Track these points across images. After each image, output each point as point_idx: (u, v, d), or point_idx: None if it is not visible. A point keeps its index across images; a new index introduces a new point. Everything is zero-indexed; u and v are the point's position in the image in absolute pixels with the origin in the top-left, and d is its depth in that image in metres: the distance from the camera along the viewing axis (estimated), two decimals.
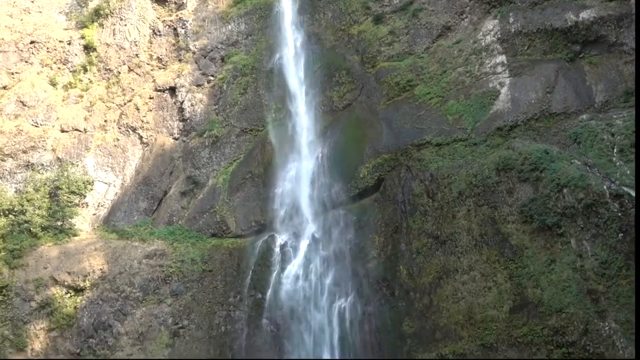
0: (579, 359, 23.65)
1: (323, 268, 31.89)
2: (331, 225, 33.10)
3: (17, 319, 31.65)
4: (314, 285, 31.52)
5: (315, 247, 32.77)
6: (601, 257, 24.11)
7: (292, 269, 32.32)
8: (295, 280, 31.85)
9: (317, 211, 33.96)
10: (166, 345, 30.98)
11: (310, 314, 30.86)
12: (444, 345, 27.26)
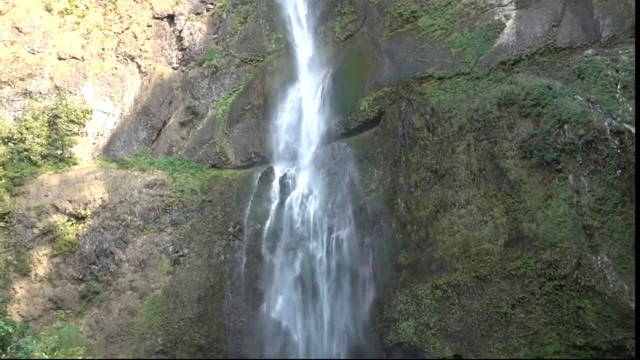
0: (570, 291, 24.24)
1: (321, 200, 32.18)
2: (330, 157, 33.16)
3: (20, 245, 32.19)
4: (312, 217, 31.90)
5: (314, 179, 32.98)
6: (598, 194, 24.26)
7: (290, 200, 32.60)
8: (294, 211, 32.19)
9: (317, 143, 33.94)
10: (167, 273, 31.68)
11: (308, 244, 31.38)
12: (439, 277, 27.88)
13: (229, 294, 31.03)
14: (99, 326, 30.44)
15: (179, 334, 30.07)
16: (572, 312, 24.30)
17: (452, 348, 27.24)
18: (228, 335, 30.28)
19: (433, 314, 27.75)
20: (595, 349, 23.73)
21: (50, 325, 30.05)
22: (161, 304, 30.70)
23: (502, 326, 26.03)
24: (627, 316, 22.65)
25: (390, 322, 28.89)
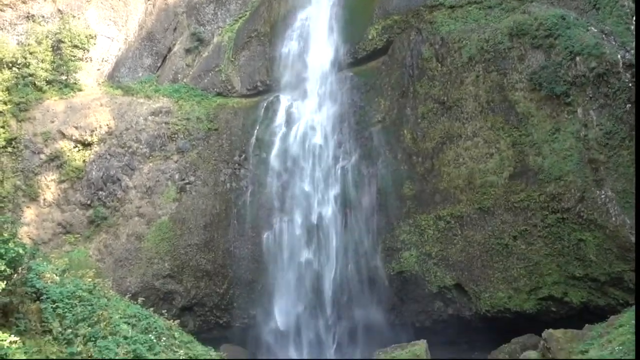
0: (572, 224, 24.48)
1: (327, 130, 32.09)
2: (337, 87, 32.81)
3: (28, 171, 32.48)
4: (317, 146, 31.90)
5: (321, 108, 32.76)
6: (606, 127, 24.06)
7: (296, 129, 32.51)
8: (299, 140, 32.16)
9: (324, 72, 33.48)
10: (173, 200, 32.03)
11: (313, 173, 31.52)
12: (443, 208, 28.13)
13: (235, 221, 31.47)
14: (107, 250, 31.10)
15: (185, 259, 30.73)
16: (572, 245, 24.61)
17: (453, 277, 27.81)
18: (234, 262, 30.92)
19: (435, 244, 28.19)
20: (593, 280, 24.17)
21: (60, 249, 30.71)
22: (168, 230, 31.21)
23: (503, 257, 26.46)
24: (627, 249, 22.93)
25: (392, 252, 29.39)
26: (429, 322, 29.31)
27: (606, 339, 17.91)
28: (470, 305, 27.72)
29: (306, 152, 31.90)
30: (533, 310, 25.92)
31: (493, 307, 26.73)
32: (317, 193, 31.20)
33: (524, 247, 25.90)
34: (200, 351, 16.08)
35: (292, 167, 31.80)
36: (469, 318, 28.12)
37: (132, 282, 29.96)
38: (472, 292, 27.34)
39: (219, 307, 31.04)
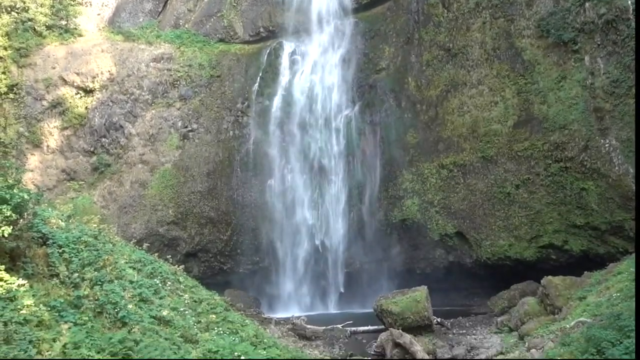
0: (574, 173, 24.48)
1: (331, 77, 31.75)
2: (341, 34, 32.29)
3: (31, 117, 32.39)
4: (321, 94, 31.63)
5: (324, 55, 32.33)
6: (613, 76, 23.73)
7: (299, 76, 32.17)
8: (302, 88, 31.87)
9: (328, 19, 32.91)
10: (176, 147, 32.01)
11: (316, 121, 31.37)
12: (446, 156, 28.10)
13: (238, 169, 31.54)
14: (111, 197, 31.32)
15: (189, 207, 30.95)
16: (574, 194, 24.67)
17: (455, 225, 28.03)
18: (237, 209, 31.14)
19: (437, 192, 28.30)
20: (594, 229, 24.34)
21: (65, 195, 30.92)
22: (171, 178, 31.33)
23: (505, 205, 26.59)
24: (628, 198, 22.98)
25: (395, 200, 29.55)
26: (430, 269, 29.71)
27: (604, 286, 18.17)
28: (471, 252, 28.04)
29: (309, 99, 31.64)
30: (533, 258, 26.21)
31: (493, 254, 27.04)
32: (320, 141, 31.12)
33: (526, 196, 25.98)
34: (204, 295, 16.40)
35: (295, 115, 31.62)
36: (469, 265, 28.49)
37: (137, 228, 30.27)
38: (473, 240, 27.61)
39: (222, 254, 31.46)
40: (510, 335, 19.56)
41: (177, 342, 11.49)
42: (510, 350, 17.38)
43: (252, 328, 15.41)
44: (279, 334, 20.70)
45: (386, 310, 21.52)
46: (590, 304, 17.25)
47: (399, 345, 18.83)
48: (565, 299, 19.09)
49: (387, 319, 21.43)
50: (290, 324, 23.12)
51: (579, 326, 15.48)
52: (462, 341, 20.30)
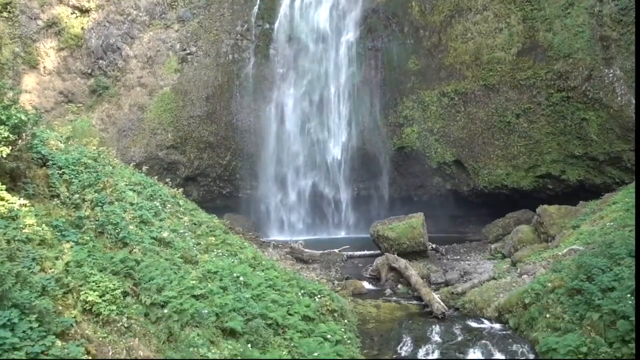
0: (576, 103, 24.30)
1: (333, 0, 30.95)
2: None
3: (26, 37, 31.75)
4: (322, 18, 30.93)
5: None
6: (622, 3, 23.13)
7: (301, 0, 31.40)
8: (303, 11, 31.11)
9: None
10: (175, 71, 31.58)
11: (317, 46, 30.83)
12: (447, 84, 27.81)
13: (237, 93, 31.26)
14: (110, 120, 31.19)
15: (188, 131, 30.87)
16: (575, 124, 24.59)
17: (453, 153, 28.09)
18: (236, 134, 31.09)
19: (437, 120, 28.19)
20: (592, 159, 24.42)
21: (63, 117, 30.77)
22: (170, 101, 31.09)
23: (505, 134, 26.55)
24: (628, 129, 22.93)
25: (395, 127, 29.47)
26: (427, 196, 30.02)
27: (598, 215, 18.41)
28: (468, 181, 28.25)
29: (310, 23, 30.96)
30: (529, 187, 26.44)
31: (491, 183, 27.24)
32: (320, 66, 30.69)
33: (526, 125, 25.91)
34: (204, 218, 16.64)
35: (296, 39, 31.04)
36: (466, 194, 28.77)
37: (136, 152, 30.29)
38: (471, 169, 27.75)
39: (222, 178, 31.67)
40: (503, 262, 19.99)
41: (177, 263, 11.76)
42: (502, 275, 17.79)
43: (250, 250, 15.72)
44: (277, 257, 21.13)
45: (382, 235, 21.89)
46: (584, 232, 17.53)
47: (394, 270, 19.28)
48: (559, 228, 19.38)
49: (383, 244, 21.83)
50: (288, 248, 23.57)
51: (571, 253, 15.81)
52: (456, 267, 20.76)
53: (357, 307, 16.00)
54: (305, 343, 12.63)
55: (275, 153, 30.99)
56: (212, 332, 10.77)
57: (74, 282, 8.88)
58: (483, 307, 15.73)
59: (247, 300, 12.27)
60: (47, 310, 7.66)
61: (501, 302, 15.24)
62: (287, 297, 13.68)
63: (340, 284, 18.21)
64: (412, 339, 14.32)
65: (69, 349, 7.58)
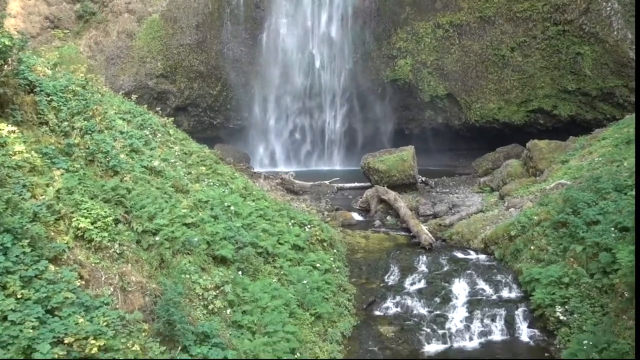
0: (572, 37, 24.01)
1: None
2: None
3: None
4: None
5: None
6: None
7: None
8: None
9: None
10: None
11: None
12: (442, 15, 27.30)
13: (228, 22, 30.52)
14: (98, 47, 30.48)
15: (178, 60, 30.25)
16: (569, 59, 24.38)
17: (446, 87, 27.91)
18: (227, 63, 30.58)
19: (431, 52, 27.81)
20: (585, 94, 24.36)
21: (49, 44, 29.99)
22: (159, 29, 30.33)
23: (498, 68, 26.32)
24: (623, 65, 22.78)
25: (388, 59, 29.08)
26: (418, 130, 30.01)
27: (587, 151, 18.54)
28: (460, 115, 28.19)
29: None
30: (521, 122, 26.46)
31: (482, 117, 27.21)
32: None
33: (520, 59, 25.65)
34: (194, 148, 16.58)
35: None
36: (457, 127, 28.77)
37: (125, 80, 29.77)
38: (464, 102, 27.64)
39: (212, 108, 31.37)
40: (492, 195, 20.24)
41: (168, 192, 11.80)
42: (489, 208, 18.07)
43: (241, 181, 15.78)
44: (268, 187, 21.24)
45: (373, 168, 22.00)
46: (572, 167, 17.70)
47: (384, 202, 19.50)
48: (548, 162, 19.54)
49: (373, 176, 21.98)
50: (279, 179, 23.69)
51: (559, 187, 16.01)
52: (445, 199, 21.03)
53: (347, 238, 16.27)
54: (294, 271, 12.91)
55: (266, 83, 30.61)
56: (203, 259, 10.96)
57: (65, 209, 8.93)
58: (470, 238, 16.05)
59: (237, 229, 12.43)
60: (39, 235, 7.73)
61: (487, 234, 15.54)
62: (278, 227, 13.86)
63: (330, 214, 18.42)
64: (399, 268, 14.66)
65: (62, 273, 7.71)
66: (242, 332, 10.31)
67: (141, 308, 8.57)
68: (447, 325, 12.77)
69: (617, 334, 9.97)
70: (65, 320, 7.09)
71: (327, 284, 13.07)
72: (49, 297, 7.22)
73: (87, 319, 7.32)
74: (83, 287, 7.95)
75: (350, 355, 11.89)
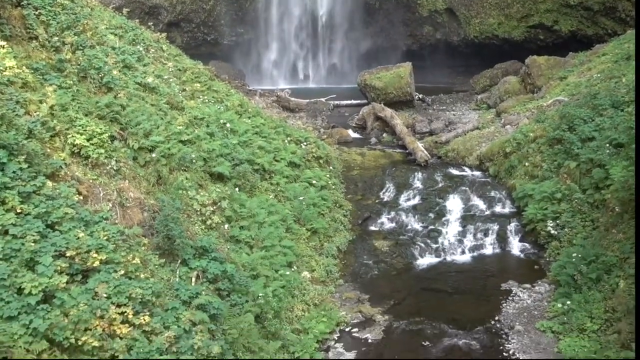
0: None
1: None
2: None
3: None
4: None
5: None
6: None
7: None
8: None
9: None
10: None
11: None
12: None
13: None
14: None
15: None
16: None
17: (445, 1, 27.26)
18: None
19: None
20: (586, 9, 23.81)
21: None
22: None
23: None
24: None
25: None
26: (417, 46, 29.48)
27: (586, 67, 18.31)
28: (459, 30, 27.61)
29: None
30: (520, 38, 25.99)
31: (481, 33, 26.68)
32: None
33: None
34: (188, 64, 16.26)
35: None
36: (456, 43, 28.25)
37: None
38: (463, 17, 27.01)
39: (206, 24, 30.53)
40: (488, 112, 20.16)
41: (163, 109, 11.72)
42: (486, 125, 18.05)
43: (237, 98, 15.63)
44: (264, 105, 21.11)
45: (369, 85, 21.79)
46: (570, 83, 17.56)
47: (380, 119, 19.44)
48: (547, 79, 19.35)
49: (370, 93, 21.80)
50: (275, 96, 23.47)
51: (556, 104, 15.95)
52: (441, 117, 20.95)
53: (343, 155, 16.34)
54: (291, 188, 13.06)
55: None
56: (200, 176, 11.04)
57: (60, 125, 8.88)
58: (465, 155, 16.14)
59: (234, 146, 12.46)
60: (35, 152, 7.73)
61: (483, 151, 15.62)
62: (274, 144, 13.88)
63: (326, 132, 18.43)
64: (394, 185, 14.82)
65: (60, 189, 7.78)
66: (240, 247, 10.56)
67: (140, 223, 8.71)
68: (440, 240, 13.09)
69: (605, 247, 10.25)
70: (65, 234, 7.22)
71: (323, 200, 13.26)
72: (49, 212, 7.31)
73: (87, 234, 7.45)
74: (82, 203, 8.04)
75: (346, 268, 12.24)
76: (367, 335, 10.09)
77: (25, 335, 6.04)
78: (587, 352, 8.72)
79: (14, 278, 6.38)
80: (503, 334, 9.91)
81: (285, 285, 10.22)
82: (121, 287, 7.02)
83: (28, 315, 6.18)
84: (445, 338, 9.85)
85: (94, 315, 6.57)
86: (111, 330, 6.68)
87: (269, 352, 8.63)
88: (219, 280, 8.74)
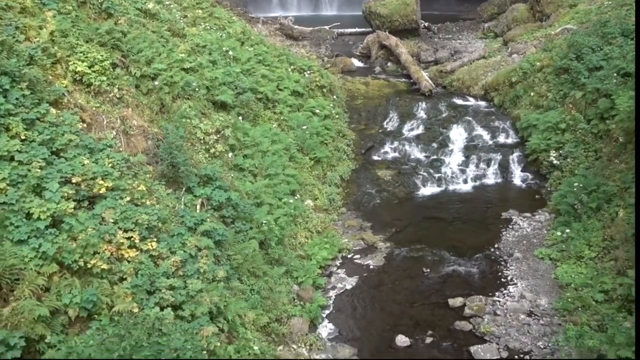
0: None
1: None
2: None
3: None
4: None
5: None
6: None
7: None
8: None
9: None
10: None
11: None
12: None
13: None
14: None
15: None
16: None
17: None
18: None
19: None
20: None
21: None
22: None
23: None
24: None
25: None
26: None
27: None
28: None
29: None
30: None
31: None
32: None
33: None
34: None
35: None
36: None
37: None
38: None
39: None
40: (495, 41, 19.76)
41: (164, 36, 11.53)
42: (492, 54, 17.75)
43: (239, 25, 15.33)
44: (266, 33, 20.69)
45: (374, 12, 21.28)
46: (580, 11, 17.12)
47: (385, 47, 19.10)
48: (556, 6, 18.82)
49: (374, 21, 21.33)
50: (278, 24, 22.96)
51: (564, 33, 15.63)
52: (447, 45, 20.58)
53: (346, 84, 16.17)
54: (294, 117, 13.03)
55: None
56: (203, 104, 10.99)
57: (60, 52, 8.79)
58: (470, 85, 15.97)
59: (237, 75, 12.34)
60: (37, 79, 7.69)
61: (488, 80, 15.44)
62: (277, 73, 13.74)
63: (330, 61, 18.16)
64: (398, 114, 14.76)
65: (63, 116, 7.79)
66: (244, 175, 10.65)
67: (144, 151, 8.76)
68: (443, 170, 13.16)
69: (607, 177, 10.30)
70: (71, 161, 7.29)
71: (326, 130, 13.25)
72: (53, 139, 7.35)
73: (92, 161, 7.52)
74: (85, 131, 8.07)
75: (349, 197, 12.38)
76: (368, 262, 10.33)
77: (35, 259, 6.22)
78: (584, 279, 8.93)
79: (22, 203, 6.49)
80: (502, 260, 10.13)
81: (289, 213, 10.37)
82: (127, 213, 7.14)
83: (37, 239, 6.33)
84: (445, 265, 10.09)
85: (102, 239, 6.72)
86: (119, 254, 6.85)
87: (273, 277, 8.87)
88: (223, 207, 8.88)
